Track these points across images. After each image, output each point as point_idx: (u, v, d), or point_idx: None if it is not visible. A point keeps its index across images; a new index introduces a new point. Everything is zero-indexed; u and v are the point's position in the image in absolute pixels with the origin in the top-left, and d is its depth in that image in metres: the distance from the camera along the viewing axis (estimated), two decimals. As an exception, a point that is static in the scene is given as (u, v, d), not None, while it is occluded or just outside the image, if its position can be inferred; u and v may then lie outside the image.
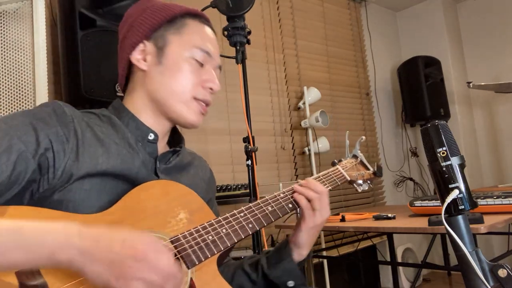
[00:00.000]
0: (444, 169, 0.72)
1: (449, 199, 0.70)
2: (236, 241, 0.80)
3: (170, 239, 0.73)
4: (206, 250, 0.74)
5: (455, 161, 0.72)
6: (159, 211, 0.76)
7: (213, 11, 1.63)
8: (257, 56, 2.71)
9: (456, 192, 0.70)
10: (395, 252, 2.82)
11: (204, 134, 2.39)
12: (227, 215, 0.82)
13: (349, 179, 1.08)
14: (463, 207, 0.70)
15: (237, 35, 1.66)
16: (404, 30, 4.03)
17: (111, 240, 0.60)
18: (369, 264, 3.37)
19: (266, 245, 1.65)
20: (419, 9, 3.90)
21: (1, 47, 1.50)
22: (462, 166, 0.72)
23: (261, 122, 2.65)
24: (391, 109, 3.83)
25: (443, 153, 0.72)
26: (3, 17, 1.53)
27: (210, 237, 0.76)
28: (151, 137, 0.86)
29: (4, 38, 1.51)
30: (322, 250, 2.68)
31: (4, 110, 1.48)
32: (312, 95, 2.83)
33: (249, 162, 1.64)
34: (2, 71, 1.49)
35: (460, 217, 0.70)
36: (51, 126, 0.72)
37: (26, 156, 0.67)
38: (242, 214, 0.84)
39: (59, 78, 1.73)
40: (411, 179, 3.73)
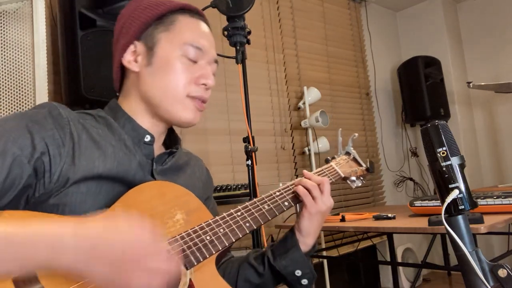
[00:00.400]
0: (444, 169, 0.71)
1: (449, 199, 0.70)
2: (234, 240, 0.79)
3: (167, 240, 0.72)
4: (204, 251, 0.74)
5: (455, 161, 0.72)
6: (155, 212, 0.76)
7: (213, 11, 1.63)
8: (257, 56, 2.71)
9: (456, 192, 0.70)
10: (395, 252, 2.82)
11: (204, 134, 2.38)
12: (224, 214, 0.82)
13: (343, 175, 1.08)
14: (463, 207, 0.70)
15: (237, 35, 1.66)
16: (404, 30, 4.02)
17: (109, 243, 0.59)
18: (369, 264, 3.37)
19: (266, 245, 1.65)
20: (419, 9, 3.90)
21: (1, 47, 1.50)
22: (462, 166, 0.72)
23: (261, 122, 2.65)
24: (391, 109, 3.83)
25: (443, 153, 0.72)
26: (3, 17, 1.52)
27: (208, 237, 0.76)
28: (147, 139, 0.84)
29: (4, 38, 1.51)
30: (322, 250, 2.68)
31: (4, 110, 1.47)
32: (312, 95, 2.83)
33: (249, 162, 1.64)
34: (2, 71, 1.49)
35: (460, 217, 0.70)
36: (47, 129, 0.70)
37: (21, 160, 0.66)
38: (239, 213, 0.83)
39: (59, 78, 1.73)
40: (411, 179, 3.73)
